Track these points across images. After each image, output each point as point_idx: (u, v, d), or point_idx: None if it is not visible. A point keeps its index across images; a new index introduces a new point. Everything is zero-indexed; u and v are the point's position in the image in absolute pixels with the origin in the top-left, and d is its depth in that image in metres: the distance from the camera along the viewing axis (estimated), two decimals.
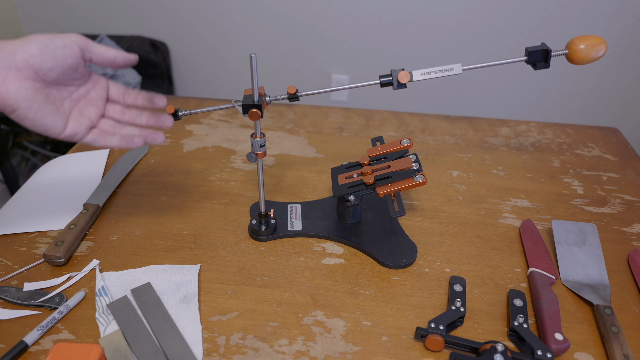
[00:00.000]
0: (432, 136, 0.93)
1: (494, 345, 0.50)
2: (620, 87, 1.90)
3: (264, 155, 0.61)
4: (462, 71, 0.61)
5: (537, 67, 0.63)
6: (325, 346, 0.53)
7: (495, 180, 0.81)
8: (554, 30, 1.79)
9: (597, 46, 0.62)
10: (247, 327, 0.55)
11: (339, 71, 2.00)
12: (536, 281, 0.60)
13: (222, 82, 2.11)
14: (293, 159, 0.86)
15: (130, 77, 1.79)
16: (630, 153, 0.90)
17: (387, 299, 0.59)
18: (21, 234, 0.67)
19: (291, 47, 1.97)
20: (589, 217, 0.74)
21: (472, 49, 1.87)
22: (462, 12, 1.80)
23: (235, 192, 0.77)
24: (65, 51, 0.52)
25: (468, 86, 1.97)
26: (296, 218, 0.70)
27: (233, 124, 0.95)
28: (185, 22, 1.97)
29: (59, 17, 2.02)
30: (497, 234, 0.70)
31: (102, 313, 0.56)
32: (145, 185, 0.78)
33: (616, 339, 0.53)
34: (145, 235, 0.68)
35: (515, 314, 0.55)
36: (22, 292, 0.58)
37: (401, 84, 0.61)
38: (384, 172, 0.64)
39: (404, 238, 0.67)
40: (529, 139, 0.93)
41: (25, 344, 0.52)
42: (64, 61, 0.52)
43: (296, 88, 0.59)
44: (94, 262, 0.63)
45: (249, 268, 0.63)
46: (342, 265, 0.64)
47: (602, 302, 0.58)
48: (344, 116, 0.99)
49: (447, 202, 0.76)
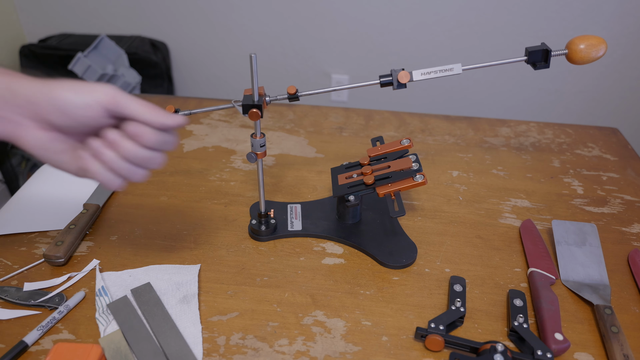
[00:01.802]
0: (432, 136, 0.93)
1: (494, 345, 0.50)
2: (620, 87, 1.90)
3: (264, 155, 0.61)
4: (462, 71, 0.61)
5: (537, 67, 0.63)
6: (325, 346, 0.53)
7: (495, 180, 0.81)
8: (554, 30, 1.79)
9: (597, 46, 0.62)
10: (247, 327, 0.55)
11: (339, 71, 2.00)
12: (536, 281, 0.60)
13: (222, 82, 2.11)
14: (293, 159, 0.86)
15: (131, 77, 1.79)
16: (630, 153, 0.90)
17: (387, 299, 0.59)
18: (21, 234, 0.67)
19: (291, 47, 1.97)
20: (589, 217, 0.74)
21: (472, 49, 1.87)
22: (462, 12, 1.80)
23: (235, 192, 0.77)
24: (85, 111, 0.46)
25: (468, 86, 1.97)
26: (296, 218, 0.70)
27: (233, 124, 0.95)
28: (185, 22, 1.97)
29: (59, 17, 2.02)
30: (497, 234, 0.70)
31: (102, 313, 0.56)
32: (145, 185, 0.78)
33: (616, 339, 0.53)
34: (145, 235, 0.68)
35: (515, 314, 0.55)
36: (22, 292, 0.58)
37: (401, 84, 0.61)
38: (384, 172, 0.64)
39: (404, 238, 0.67)
40: (529, 139, 0.93)
41: (25, 344, 0.52)
42: (80, 122, 0.47)
43: (296, 88, 0.59)
44: (94, 262, 0.63)
45: (249, 268, 0.63)
46: (342, 265, 0.64)
47: (602, 302, 0.58)
48: (344, 116, 0.99)
49: (447, 202, 0.76)
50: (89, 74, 1.69)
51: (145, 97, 1.06)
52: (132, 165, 0.48)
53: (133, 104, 0.47)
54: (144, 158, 0.48)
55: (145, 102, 0.48)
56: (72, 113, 0.46)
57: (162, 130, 0.48)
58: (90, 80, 1.70)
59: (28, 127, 0.47)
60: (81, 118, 0.46)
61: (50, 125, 0.47)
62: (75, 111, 0.46)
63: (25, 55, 1.94)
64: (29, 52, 1.93)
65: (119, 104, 0.47)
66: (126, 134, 0.47)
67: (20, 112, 0.46)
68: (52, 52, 1.90)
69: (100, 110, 0.46)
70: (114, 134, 0.47)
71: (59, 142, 0.48)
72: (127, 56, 1.81)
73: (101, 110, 0.46)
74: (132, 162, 0.48)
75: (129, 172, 0.49)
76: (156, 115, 0.47)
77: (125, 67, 1.80)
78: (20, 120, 0.46)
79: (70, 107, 0.46)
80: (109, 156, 0.48)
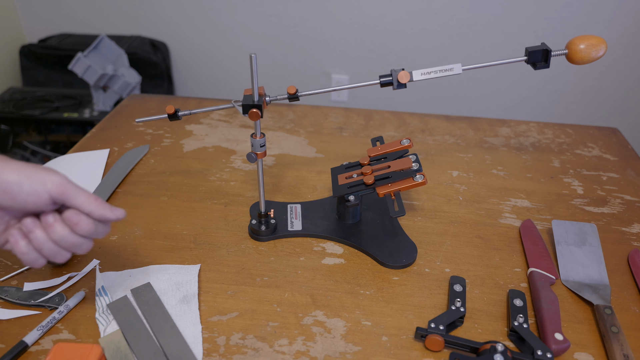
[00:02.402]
0: (432, 136, 0.93)
1: (494, 345, 0.50)
2: (620, 87, 1.90)
3: (264, 155, 0.61)
4: (462, 71, 0.61)
5: (537, 67, 0.63)
6: (325, 346, 0.53)
7: (495, 180, 0.81)
8: (554, 30, 1.79)
9: (597, 46, 0.62)
10: (247, 327, 0.55)
11: (339, 71, 2.00)
12: (536, 281, 0.60)
13: (222, 82, 2.11)
14: (293, 159, 0.86)
15: (131, 77, 1.79)
16: (630, 153, 0.90)
17: (387, 299, 0.59)
18: None
19: (291, 47, 1.97)
20: (589, 217, 0.74)
21: (472, 49, 1.87)
22: (462, 12, 1.80)
23: (235, 192, 0.77)
24: (31, 197, 0.46)
25: (468, 86, 1.97)
26: (296, 218, 0.70)
27: (233, 124, 0.95)
28: (185, 22, 1.97)
29: (59, 17, 2.02)
30: (497, 234, 0.70)
31: (102, 313, 0.56)
32: (145, 185, 0.78)
33: (616, 339, 0.53)
34: (145, 235, 0.68)
35: (515, 314, 0.55)
36: (22, 292, 0.58)
37: (401, 84, 0.61)
38: (384, 172, 0.64)
39: (404, 238, 0.67)
40: (529, 139, 0.93)
41: (25, 344, 0.52)
42: (24, 205, 0.46)
43: (296, 88, 0.59)
44: (94, 262, 0.63)
45: (249, 268, 0.63)
46: (342, 265, 0.64)
47: (602, 302, 0.58)
48: (344, 116, 0.99)
49: (447, 202, 0.76)
50: (89, 74, 1.70)
51: (145, 97, 1.06)
52: (58, 248, 0.49)
53: (80, 196, 0.47)
54: (73, 244, 0.49)
55: (91, 194, 0.48)
56: (18, 197, 0.46)
57: (101, 222, 0.49)
58: (90, 82, 1.71)
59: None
60: (25, 202, 0.46)
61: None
62: (20, 195, 0.46)
63: (25, 55, 1.95)
64: (29, 52, 1.93)
65: (66, 194, 0.47)
66: (63, 218, 0.48)
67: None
68: (52, 52, 1.90)
69: (47, 198, 0.46)
70: (50, 217, 0.48)
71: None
72: (127, 56, 1.82)
73: (48, 198, 0.46)
74: (61, 245, 0.48)
75: (53, 254, 0.49)
76: (99, 208, 0.48)
77: (125, 67, 1.80)
78: None
79: (17, 191, 0.45)
80: (38, 236, 0.48)
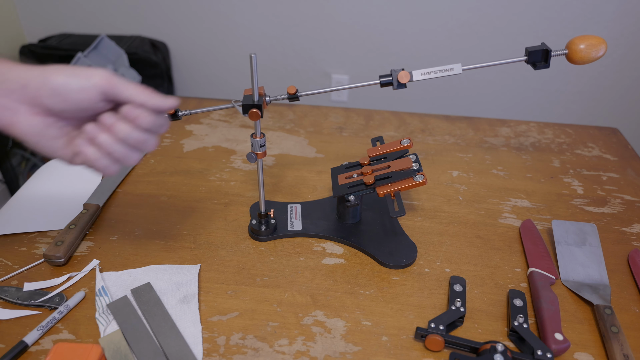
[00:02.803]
0: (432, 136, 0.93)
1: (494, 345, 0.50)
2: (620, 87, 1.90)
3: (264, 155, 0.61)
4: (462, 71, 0.61)
5: (537, 67, 0.63)
6: (325, 346, 0.53)
7: (495, 180, 0.81)
8: (554, 30, 1.79)
9: (597, 46, 0.62)
10: (247, 327, 0.55)
11: (339, 71, 2.00)
12: (536, 281, 0.60)
13: (222, 82, 2.11)
14: (293, 159, 0.86)
15: (131, 77, 1.79)
16: (630, 153, 0.90)
17: (387, 299, 0.59)
18: (21, 234, 0.67)
19: (291, 47, 1.97)
20: (589, 217, 0.74)
21: (472, 49, 1.87)
22: (462, 12, 1.80)
23: (235, 192, 0.77)
24: (81, 95, 0.46)
25: (468, 86, 1.97)
26: (296, 218, 0.70)
27: (233, 124, 0.95)
28: (185, 22, 1.97)
29: (59, 17, 2.02)
30: (497, 234, 0.70)
31: (102, 313, 0.56)
32: (145, 185, 0.78)
33: (616, 339, 0.53)
34: (145, 235, 0.68)
35: (515, 314, 0.55)
36: (22, 292, 0.58)
37: (401, 84, 0.61)
38: (384, 172, 0.64)
39: (404, 238, 0.67)
40: (529, 139, 0.93)
41: (25, 344, 0.52)
42: (77, 105, 0.47)
43: (296, 88, 0.59)
44: (94, 262, 0.63)
45: (249, 268, 0.63)
46: (342, 265, 0.64)
47: (602, 302, 0.58)
48: (344, 116, 0.99)
49: (447, 202, 0.76)
50: None
51: None
52: (127, 148, 0.49)
53: (129, 88, 0.47)
54: (139, 140, 0.48)
55: (140, 85, 0.48)
56: (68, 96, 0.46)
57: (156, 112, 0.49)
58: None
59: (22, 112, 0.46)
60: (77, 101, 0.46)
61: (45, 110, 0.47)
62: (71, 94, 0.46)
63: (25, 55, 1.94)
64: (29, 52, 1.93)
65: (115, 87, 0.47)
66: (122, 116, 0.48)
67: (14, 97, 0.46)
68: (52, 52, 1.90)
69: (97, 93, 0.46)
70: (109, 117, 0.48)
71: (53, 127, 0.48)
72: (127, 56, 1.81)
73: (97, 94, 0.46)
74: (127, 144, 0.48)
75: (124, 156, 0.49)
76: (151, 97, 0.48)
77: (125, 67, 1.80)
78: (14, 106, 0.46)
79: (67, 90, 0.45)
80: (104, 139, 0.48)
